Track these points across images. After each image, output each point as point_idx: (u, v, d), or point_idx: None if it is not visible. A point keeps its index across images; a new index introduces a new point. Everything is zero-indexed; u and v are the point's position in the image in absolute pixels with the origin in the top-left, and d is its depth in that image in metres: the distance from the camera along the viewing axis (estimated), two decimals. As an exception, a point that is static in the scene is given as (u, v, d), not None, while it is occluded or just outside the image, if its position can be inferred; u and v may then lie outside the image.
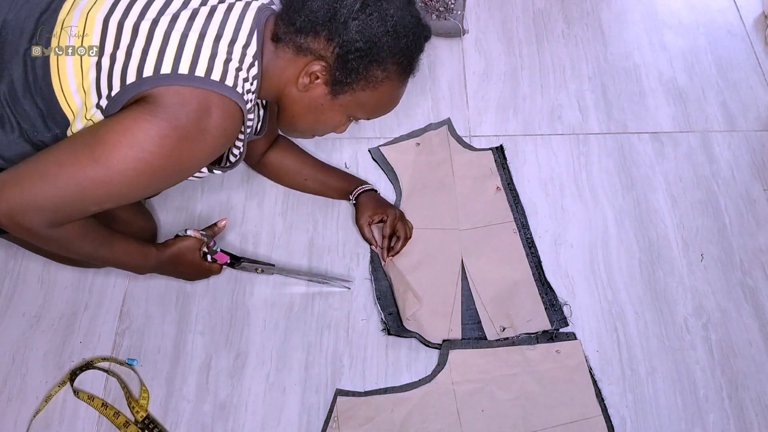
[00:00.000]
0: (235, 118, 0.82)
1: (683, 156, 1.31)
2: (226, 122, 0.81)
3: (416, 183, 1.25)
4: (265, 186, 1.25)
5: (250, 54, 0.82)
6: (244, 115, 0.84)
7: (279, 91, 0.89)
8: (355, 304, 1.13)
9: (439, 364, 1.07)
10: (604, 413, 1.03)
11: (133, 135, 0.76)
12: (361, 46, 0.82)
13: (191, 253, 1.01)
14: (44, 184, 0.76)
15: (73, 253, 0.90)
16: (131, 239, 0.96)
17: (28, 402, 1.04)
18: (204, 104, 0.78)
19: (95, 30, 0.79)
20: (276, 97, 0.90)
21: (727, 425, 1.03)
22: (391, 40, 0.83)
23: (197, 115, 0.77)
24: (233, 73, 0.80)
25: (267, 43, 0.85)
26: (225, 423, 1.03)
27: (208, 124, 0.78)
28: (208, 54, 0.78)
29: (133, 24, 0.79)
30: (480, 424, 1.02)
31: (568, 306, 1.12)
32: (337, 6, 0.81)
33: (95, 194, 0.79)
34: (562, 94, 1.39)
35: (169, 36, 0.78)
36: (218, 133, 0.80)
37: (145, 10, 0.80)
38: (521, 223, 1.21)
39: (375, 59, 0.83)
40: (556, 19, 1.51)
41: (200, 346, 1.09)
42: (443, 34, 1.46)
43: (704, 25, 1.51)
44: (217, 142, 0.81)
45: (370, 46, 0.82)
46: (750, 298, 1.14)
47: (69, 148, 0.78)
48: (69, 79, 0.79)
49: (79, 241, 0.86)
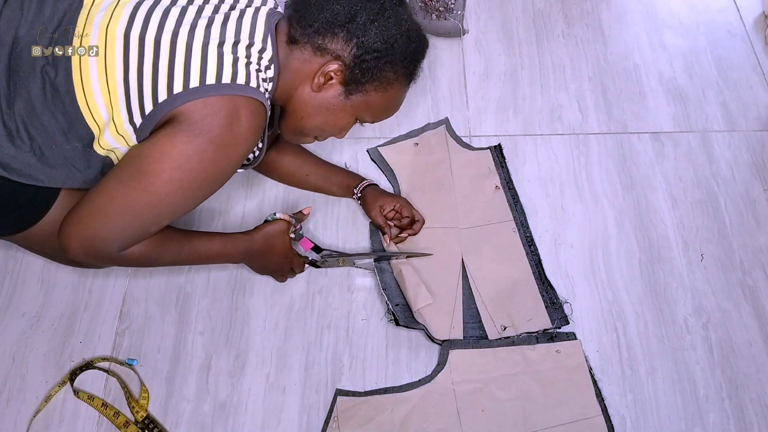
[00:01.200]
0: (262, 116, 0.86)
1: (683, 156, 1.31)
2: (255, 122, 0.84)
3: (415, 183, 1.25)
4: (265, 186, 1.25)
5: (266, 57, 0.85)
6: (268, 112, 0.87)
7: (291, 93, 0.92)
8: (355, 304, 1.13)
9: (439, 364, 1.07)
10: (604, 413, 1.03)
11: (173, 158, 0.80)
12: (379, 47, 0.87)
13: (281, 237, 1.04)
14: (103, 217, 0.82)
15: (160, 264, 0.96)
16: (212, 233, 1.00)
17: (28, 402, 1.04)
18: (233, 109, 0.81)
19: (117, 45, 0.81)
20: (286, 99, 0.93)
21: (727, 425, 1.03)
22: (404, 44, 0.89)
23: (228, 122, 0.81)
24: (255, 75, 0.83)
25: (281, 45, 0.89)
26: (225, 423, 1.03)
27: (239, 127, 0.82)
28: (230, 60, 0.81)
29: (154, 38, 0.81)
30: (480, 424, 1.02)
31: (568, 304, 1.12)
32: (357, 8, 0.85)
33: (151, 217, 0.84)
34: (562, 94, 1.39)
35: (191, 48, 0.81)
36: (249, 133, 0.84)
37: (163, 22, 0.82)
38: (521, 222, 1.21)
39: (389, 60, 0.89)
40: (556, 19, 1.51)
41: (200, 346, 1.09)
42: (443, 34, 1.46)
43: (704, 25, 1.51)
44: (249, 142, 0.85)
45: (387, 47, 0.87)
46: (750, 298, 1.14)
47: (117, 181, 0.83)
48: (95, 95, 0.81)
49: (157, 254, 0.91)
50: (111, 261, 0.87)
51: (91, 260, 0.86)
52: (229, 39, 0.83)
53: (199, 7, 0.85)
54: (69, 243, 0.83)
